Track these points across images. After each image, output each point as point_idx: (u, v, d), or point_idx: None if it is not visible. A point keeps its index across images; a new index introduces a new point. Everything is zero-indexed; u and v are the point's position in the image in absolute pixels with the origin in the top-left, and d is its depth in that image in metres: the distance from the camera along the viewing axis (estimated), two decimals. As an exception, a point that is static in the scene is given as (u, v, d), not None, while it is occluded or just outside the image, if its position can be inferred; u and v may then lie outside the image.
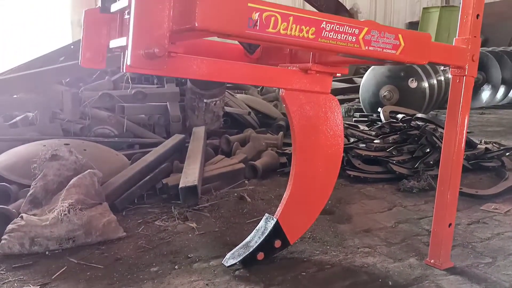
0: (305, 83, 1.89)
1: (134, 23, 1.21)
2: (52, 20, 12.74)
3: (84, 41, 1.81)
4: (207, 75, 1.63)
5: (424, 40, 1.60)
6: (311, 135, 2.00)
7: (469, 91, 1.88)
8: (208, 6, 1.14)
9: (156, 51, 1.20)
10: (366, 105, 6.32)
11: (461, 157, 1.92)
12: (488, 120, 6.57)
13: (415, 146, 3.51)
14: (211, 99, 4.51)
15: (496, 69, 7.13)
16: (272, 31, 1.27)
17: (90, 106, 3.77)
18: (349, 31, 1.41)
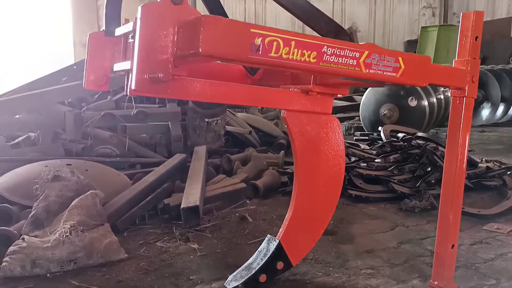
0: (306, 104, 1.91)
1: (139, 48, 1.23)
2: (55, 40, 12.88)
3: (88, 63, 1.83)
4: (210, 97, 1.65)
5: (424, 62, 1.62)
6: (313, 155, 2.01)
7: (470, 111, 1.90)
8: (212, 32, 1.16)
9: (161, 76, 1.22)
10: (367, 124, 6.34)
11: (463, 178, 1.92)
12: (489, 138, 6.59)
13: (416, 165, 3.52)
14: (212, 118, 4.54)
15: (495, 87, 7.18)
16: (275, 56, 1.29)
17: (92, 126, 3.79)
18: (350, 54, 1.43)
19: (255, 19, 14.50)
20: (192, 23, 1.20)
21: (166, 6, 1.24)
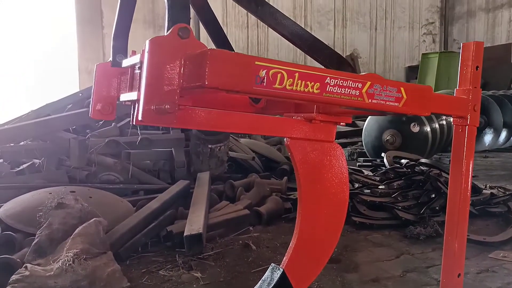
0: (309, 132, 1.91)
1: (146, 80, 1.26)
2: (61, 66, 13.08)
3: (95, 93, 1.86)
4: (215, 126, 1.66)
5: (425, 92, 1.64)
6: (316, 183, 2.01)
7: (472, 140, 1.91)
8: (217, 65, 1.19)
9: (167, 107, 1.24)
10: (369, 149, 6.35)
11: (467, 206, 1.92)
12: (492, 163, 6.58)
13: (420, 191, 3.51)
14: (215, 144, 4.56)
15: (497, 113, 7.19)
16: (279, 87, 1.32)
17: (97, 153, 3.81)
18: (353, 85, 1.46)
19: (257, 46, 14.72)
20: (198, 56, 1.22)
21: (173, 40, 1.27)
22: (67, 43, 12.74)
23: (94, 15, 12.27)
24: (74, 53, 12.62)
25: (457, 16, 16.64)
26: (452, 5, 16.70)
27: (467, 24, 16.17)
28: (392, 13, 16.34)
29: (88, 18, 12.28)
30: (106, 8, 12.35)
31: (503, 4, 14.65)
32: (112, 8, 10.18)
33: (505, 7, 14.61)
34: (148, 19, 13.07)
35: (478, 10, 15.63)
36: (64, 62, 13.00)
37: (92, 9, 12.30)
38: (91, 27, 12.31)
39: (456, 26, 16.66)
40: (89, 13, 12.28)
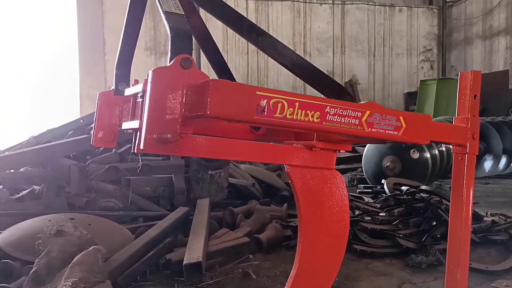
0: (309, 159, 1.92)
1: (149, 110, 1.27)
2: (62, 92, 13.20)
3: (96, 122, 1.87)
4: (216, 154, 1.67)
5: (424, 121, 1.66)
6: (317, 210, 2.00)
7: (472, 168, 1.91)
8: (219, 95, 1.21)
9: (169, 136, 1.25)
10: (370, 176, 6.34)
11: (469, 235, 1.91)
12: (493, 190, 6.56)
13: (421, 219, 3.49)
14: (215, 170, 4.56)
15: (497, 139, 7.22)
16: (279, 116, 1.33)
17: (97, 180, 3.81)
18: (352, 114, 1.47)
19: (257, 72, 14.89)
20: (200, 86, 1.24)
21: (176, 70, 1.29)
22: (69, 69, 12.89)
23: (97, 42, 12.47)
24: (76, 78, 12.75)
25: (454, 43, 16.89)
26: (449, 33, 16.98)
27: (464, 51, 16.41)
28: (390, 40, 16.60)
29: (91, 45, 12.47)
30: (109, 35, 12.56)
31: (500, 31, 14.91)
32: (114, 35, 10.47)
33: (501, 35, 14.86)
34: (150, 46, 13.27)
35: (475, 37, 15.89)
36: (65, 88, 13.13)
37: (95, 36, 12.50)
38: (93, 54, 12.48)
39: (454, 52, 16.90)
40: (92, 40, 12.48)
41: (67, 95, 13.08)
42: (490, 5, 15.13)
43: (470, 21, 15.99)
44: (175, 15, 1.39)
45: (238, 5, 14.71)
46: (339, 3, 15.80)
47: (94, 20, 12.61)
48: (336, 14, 15.78)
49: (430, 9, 16.99)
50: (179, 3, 1.44)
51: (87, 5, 12.62)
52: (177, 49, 1.33)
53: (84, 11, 12.64)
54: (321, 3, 15.64)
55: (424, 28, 16.95)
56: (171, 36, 1.34)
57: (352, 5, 15.94)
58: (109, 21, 12.63)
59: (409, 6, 16.73)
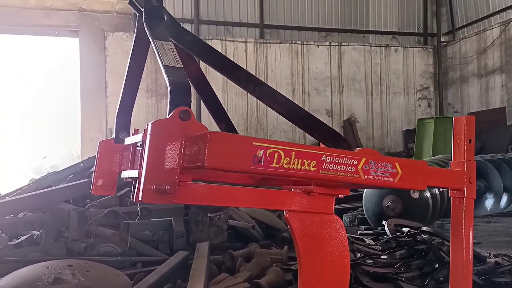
0: (308, 204, 1.93)
1: (147, 162, 1.30)
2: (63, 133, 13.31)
3: (96, 170, 1.90)
4: (215, 201, 1.69)
5: (420, 167, 1.68)
6: (316, 256, 1.99)
7: (470, 212, 1.92)
8: (216, 147, 1.23)
9: (167, 188, 1.27)
10: (371, 216, 6.30)
11: (470, 279, 1.89)
12: (495, 229, 6.49)
13: (423, 261, 3.45)
14: (215, 213, 4.54)
15: (497, 177, 7.21)
16: (276, 166, 1.35)
17: (96, 224, 3.79)
18: (348, 162, 1.50)
19: (257, 112, 15.04)
20: (198, 138, 1.27)
21: (175, 121, 1.32)
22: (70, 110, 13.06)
23: (99, 86, 12.70)
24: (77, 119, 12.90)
25: (450, 82, 17.17)
26: (445, 71, 17.31)
27: (461, 89, 16.66)
28: (386, 79, 16.89)
29: (92, 87, 12.69)
30: (111, 79, 12.81)
31: (495, 70, 15.19)
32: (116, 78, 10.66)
33: (496, 73, 15.13)
34: (151, 88, 13.50)
35: (471, 75, 16.17)
36: (66, 129, 13.25)
37: (97, 80, 12.75)
38: (95, 96, 12.69)
39: (451, 90, 17.15)
40: (94, 83, 12.72)
41: (68, 136, 13.20)
42: (484, 44, 15.49)
43: (465, 60, 16.33)
44: (174, 69, 1.44)
45: (238, 48, 15.08)
46: (335, 45, 16.18)
47: (96, 63, 12.89)
48: (333, 55, 16.14)
49: (425, 49, 17.39)
50: (178, 56, 1.50)
51: (90, 49, 12.94)
52: (176, 102, 1.37)
53: (87, 55, 12.95)
54: (318, 45, 16.03)
55: (420, 67, 17.28)
56: (170, 90, 1.38)
57: (349, 46, 16.33)
58: (111, 65, 12.92)
59: (404, 46, 17.13)
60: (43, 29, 12.97)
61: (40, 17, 12.37)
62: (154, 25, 1.55)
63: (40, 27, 12.80)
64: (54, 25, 12.69)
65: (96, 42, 12.91)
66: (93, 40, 12.89)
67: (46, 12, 12.33)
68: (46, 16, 12.39)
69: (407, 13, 17.28)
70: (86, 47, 12.91)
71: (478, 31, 15.78)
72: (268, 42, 15.45)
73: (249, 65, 15.13)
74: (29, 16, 12.21)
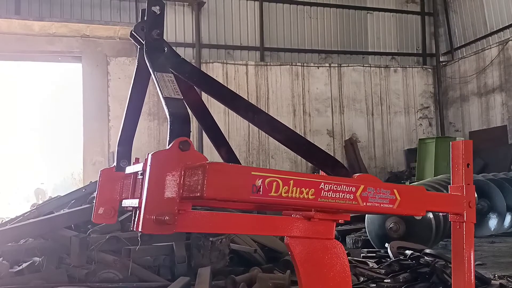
0: (308, 230, 1.93)
1: (147, 193, 1.31)
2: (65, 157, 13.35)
3: (97, 198, 1.91)
4: (215, 228, 1.70)
5: (418, 193, 1.69)
6: (318, 282, 1.99)
7: (471, 236, 1.92)
8: (215, 178, 1.25)
9: (167, 219, 1.28)
10: (374, 238, 6.26)
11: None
12: (500, 249, 6.43)
13: (426, 284, 3.42)
14: (216, 237, 4.52)
15: (499, 196, 7.18)
16: (275, 195, 1.37)
17: (97, 250, 3.78)
18: (347, 189, 1.51)
19: (258, 133, 15.06)
20: (197, 169, 1.29)
21: (174, 152, 1.34)
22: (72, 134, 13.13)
23: (101, 109, 12.79)
24: (80, 144, 12.95)
25: (451, 101, 17.24)
26: (445, 91, 17.39)
27: (461, 108, 16.71)
28: (387, 99, 16.97)
29: (95, 113, 12.78)
30: (113, 103, 12.91)
31: (494, 89, 15.25)
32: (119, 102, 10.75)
33: (496, 92, 15.19)
34: (153, 112, 13.58)
35: (471, 94, 16.24)
36: (68, 153, 13.30)
37: (99, 104, 12.85)
38: (98, 122, 12.76)
39: (451, 110, 17.20)
40: (96, 107, 12.81)
41: (70, 160, 13.23)
42: (483, 63, 15.61)
43: (464, 79, 16.43)
44: (174, 100, 1.47)
45: (238, 70, 15.23)
46: (335, 66, 16.33)
47: (99, 88, 13.02)
48: (333, 76, 16.27)
49: (425, 69, 17.52)
50: (178, 88, 1.53)
51: (92, 73, 13.09)
52: (176, 132, 1.39)
53: (90, 79, 13.09)
54: (318, 66, 16.17)
55: (420, 87, 17.38)
56: (170, 120, 1.41)
57: (348, 67, 16.47)
58: (113, 89, 13.05)
59: (404, 67, 17.26)
60: (46, 55, 13.14)
61: (44, 43, 12.55)
62: (154, 57, 1.59)
63: (43, 54, 12.98)
64: (58, 51, 12.86)
65: (99, 67, 13.07)
66: (95, 65, 13.05)
67: (50, 38, 12.52)
68: (49, 42, 12.57)
69: (406, 34, 17.48)
70: (89, 72, 13.06)
71: (477, 51, 15.92)
72: (268, 65, 15.61)
73: (250, 87, 15.25)
74: (32, 42, 12.39)
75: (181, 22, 14.79)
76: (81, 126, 12.96)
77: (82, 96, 13.02)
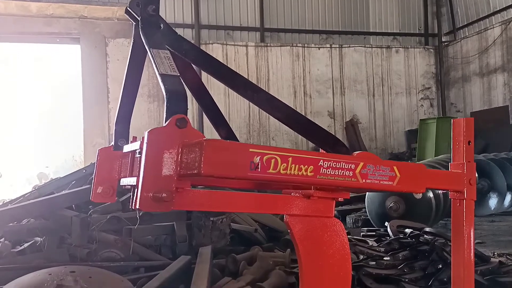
0: (308, 208, 1.93)
1: (144, 170, 1.30)
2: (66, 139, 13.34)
3: (96, 177, 1.90)
4: (214, 207, 1.69)
5: (418, 170, 1.68)
6: (317, 260, 1.99)
7: (471, 213, 1.91)
8: (213, 155, 1.24)
9: (164, 196, 1.27)
10: (374, 217, 6.29)
11: (472, 282, 1.88)
12: (499, 228, 6.46)
13: (426, 262, 3.44)
14: (217, 216, 4.54)
15: (500, 176, 7.18)
16: (273, 172, 1.36)
17: (98, 230, 3.80)
18: (346, 166, 1.49)
19: (259, 114, 15.00)
20: (194, 146, 1.28)
21: (171, 129, 1.32)
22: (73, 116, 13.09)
23: (100, 92, 12.74)
24: (80, 126, 12.93)
25: (452, 81, 17.13)
26: (446, 71, 17.26)
27: (463, 88, 16.61)
28: (388, 80, 16.87)
29: (94, 95, 12.72)
30: (113, 85, 12.84)
31: (497, 68, 15.14)
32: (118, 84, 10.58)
33: (498, 72, 15.08)
34: (153, 93, 13.51)
35: (473, 75, 16.13)
36: (69, 134, 13.28)
37: (99, 86, 12.78)
38: (97, 104, 12.72)
39: (453, 90, 17.11)
40: (96, 89, 12.75)
41: (69, 141, 13.22)
42: (485, 43, 15.46)
43: (466, 59, 16.29)
44: (170, 77, 1.45)
45: (239, 51, 15.11)
46: (336, 47, 16.18)
47: (98, 70, 12.93)
48: (334, 57, 16.14)
49: (427, 49, 17.36)
50: (174, 64, 1.50)
51: (91, 55, 12.98)
52: (172, 110, 1.37)
53: (89, 61, 13.00)
54: (319, 47, 16.03)
55: (421, 67, 17.25)
56: (166, 98, 1.39)
57: (350, 48, 16.33)
58: (112, 71, 12.96)
59: (406, 47, 17.11)
60: (44, 37, 13.02)
61: (41, 25, 12.42)
62: (150, 34, 1.56)
63: (41, 35, 12.85)
64: (56, 32, 12.74)
65: (98, 49, 12.96)
66: (94, 46, 12.94)
67: (47, 20, 12.39)
68: (47, 24, 12.44)
69: (408, 14, 17.26)
70: (88, 54, 12.96)
71: (479, 31, 15.74)
72: (269, 46, 15.47)
73: (250, 68, 15.15)
74: (30, 24, 12.26)
75: (179, 2, 14.60)
76: (81, 108, 12.92)
77: (81, 78, 12.94)
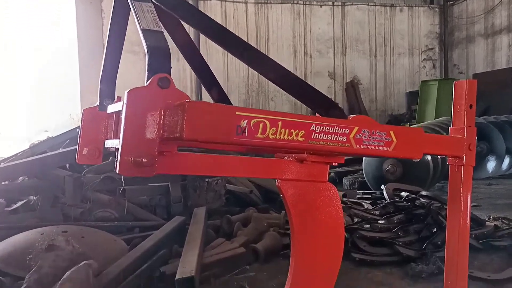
0: (301, 173, 1.87)
1: (124, 132, 1.23)
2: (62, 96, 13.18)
3: (81, 138, 1.83)
4: (202, 170, 1.63)
5: (416, 135, 1.60)
6: (310, 225, 1.95)
7: (469, 179, 1.85)
8: (195, 118, 1.16)
9: (144, 161, 1.20)
10: (370, 179, 6.27)
11: (467, 248, 1.85)
12: (496, 191, 6.47)
13: (421, 225, 3.43)
14: (212, 178, 4.51)
15: (500, 139, 7.13)
16: (261, 137, 1.28)
17: (92, 190, 3.77)
18: (339, 131, 1.42)
19: (258, 75, 14.77)
20: (176, 108, 1.19)
21: (153, 90, 1.23)
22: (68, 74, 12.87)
23: (97, 48, 12.44)
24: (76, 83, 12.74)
25: (456, 42, 16.77)
26: (450, 31, 16.87)
27: (466, 49, 16.28)
28: (391, 40, 16.51)
29: (90, 51, 12.44)
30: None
31: (502, 29, 14.78)
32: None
33: (503, 32, 14.73)
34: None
35: (477, 35, 15.77)
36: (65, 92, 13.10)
37: (95, 43, 12.48)
38: (93, 61, 12.42)
39: (456, 51, 16.78)
40: (91, 46, 12.46)
41: (66, 100, 13.07)
42: (491, 3, 15.01)
43: (471, 19, 15.87)
44: (153, 33, 1.34)
45: (238, 9, 14.69)
46: (339, 4, 15.72)
47: (93, 26, 12.60)
48: (336, 15, 15.71)
49: (431, 8, 16.89)
50: (158, 19, 1.39)
51: (86, 11, 12.61)
52: (154, 68, 1.27)
53: (84, 17, 12.63)
54: (321, 5, 15.58)
55: (425, 27, 16.84)
56: (148, 55, 1.29)
57: (352, 6, 15.86)
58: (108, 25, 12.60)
59: (410, 6, 16.63)
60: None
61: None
62: (131, -15, 1.43)
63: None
64: (50, -14, 12.32)
65: (93, 4, 12.57)
66: (89, 2, 12.55)
67: (41, -26, 11.95)
68: (41, -22, 12.01)
69: (413, -30, 16.69)
70: (83, 10, 12.58)
71: (487, -11, 15.27)
72: (269, 3, 15.02)
73: (249, 26, 14.77)
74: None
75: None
76: (77, 65, 12.68)
77: (76, 35, 12.63)
